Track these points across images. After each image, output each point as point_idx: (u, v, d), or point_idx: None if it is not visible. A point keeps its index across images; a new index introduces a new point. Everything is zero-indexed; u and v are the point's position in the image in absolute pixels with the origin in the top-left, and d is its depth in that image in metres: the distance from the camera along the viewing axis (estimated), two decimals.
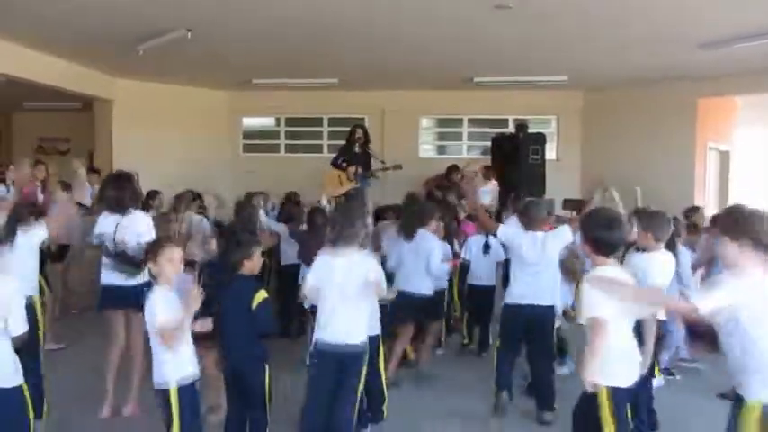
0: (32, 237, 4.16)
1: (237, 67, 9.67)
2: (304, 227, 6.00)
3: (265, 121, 12.86)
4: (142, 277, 4.58)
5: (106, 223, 4.60)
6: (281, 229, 6.38)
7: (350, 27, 7.08)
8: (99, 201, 5.04)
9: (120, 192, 4.60)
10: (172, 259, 3.41)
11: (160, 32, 7.18)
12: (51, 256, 6.24)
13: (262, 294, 3.56)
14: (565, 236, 4.60)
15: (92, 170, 10.32)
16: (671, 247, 4.39)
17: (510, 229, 4.85)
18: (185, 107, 11.31)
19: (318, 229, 5.33)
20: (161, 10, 6.49)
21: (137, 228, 4.54)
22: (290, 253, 6.16)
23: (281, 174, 10.72)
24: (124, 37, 7.52)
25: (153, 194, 7.44)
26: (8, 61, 8.00)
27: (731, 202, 10.67)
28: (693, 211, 7.07)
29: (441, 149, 12.57)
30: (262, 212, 6.41)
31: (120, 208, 4.56)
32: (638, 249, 4.21)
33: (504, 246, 5.46)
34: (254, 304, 3.53)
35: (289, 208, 7.04)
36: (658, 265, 4.05)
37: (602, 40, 7.55)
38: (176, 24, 6.96)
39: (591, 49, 8.05)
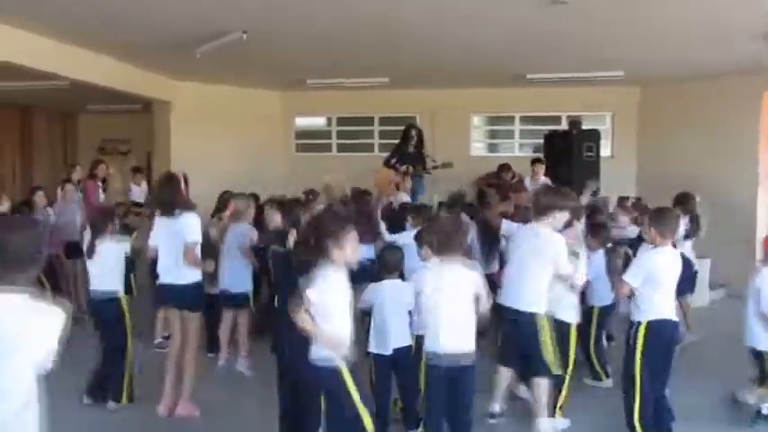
0: (120, 246, 5.00)
1: (291, 68, 9.82)
2: None
3: (317, 121, 13.00)
4: (195, 277, 4.76)
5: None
6: None
7: (402, 26, 7.10)
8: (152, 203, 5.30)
9: (170, 194, 4.78)
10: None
11: (217, 35, 7.36)
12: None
13: None
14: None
15: (137, 170, 10.69)
16: None
17: None
18: (240, 108, 11.55)
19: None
20: (218, 13, 6.66)
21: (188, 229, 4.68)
22: None
23: (333, 173, 10.81)
24: (182, 40, 7.73)
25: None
26: (72, 65, 8.31)
27: None
28: None
29: (492, 147, 12.46)
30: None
31: (170, 210, 4.71)
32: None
33: None
34: None
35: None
36: (662, 260, 4.23)
37: (658, 33, 7.36)
38: (233, 27, 7.13)
39: (648, 43, 7.85)
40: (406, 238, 5.46)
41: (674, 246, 4.56)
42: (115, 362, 4.96)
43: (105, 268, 4.96)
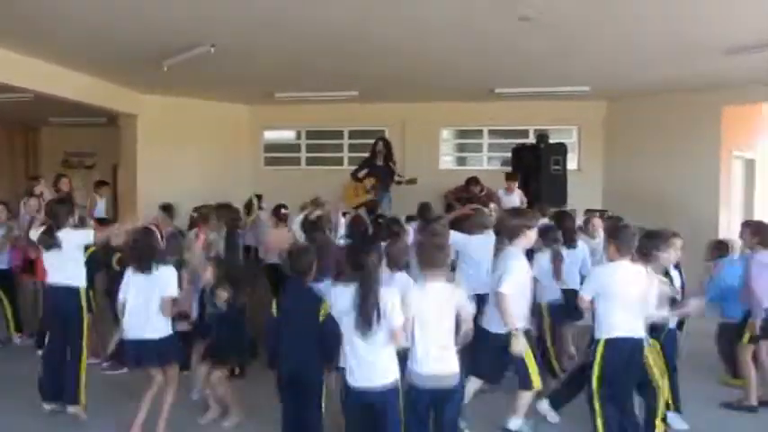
0: (80, 234, 4.89)
1: (260, 82, 9.77)
2: None
3: (286, 135, 12.94)
4: (168, 330, 4.63)
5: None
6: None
7: (371, 40, 7.12)
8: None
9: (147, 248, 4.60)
10: None
11: (185, 48, 7.30)
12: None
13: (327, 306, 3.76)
14: None
15: (101, 183, 10.48)
16: None
17: None
18: (208, 121, 11.45)
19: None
20: (186, 26, 6.60)
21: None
22: None
23: (301, 187, 10.78)
24: (149, 53, 7.64)
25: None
26: (34, 78, 8.16)
27: (757, 210, 10.55)
28: None
29: (461, 161, 12.55)
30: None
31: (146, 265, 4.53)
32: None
33: None
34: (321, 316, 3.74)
35: None
36: (618, 276, 4.23)
37: (624, 49, 7.51)
38: (201, 40, 7.07)
39: (613, 58, 8.01)
40: None
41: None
42: (71, 360, 4.83)
43: (64, 258, 4.84)
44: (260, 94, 10.80)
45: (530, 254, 5.26)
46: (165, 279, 4.50)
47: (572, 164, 11.04)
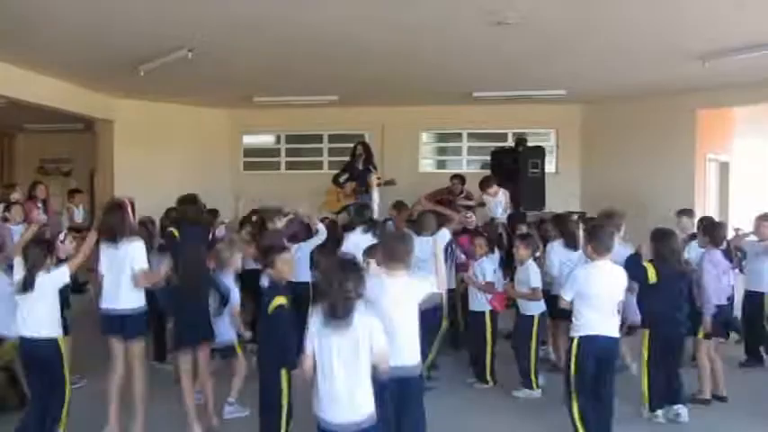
0: (55, 279, 4.30)
1: (238, 86, 9.74)
2: None
3: (265, 139, 12.90)
4: (139, 302, 4.66)
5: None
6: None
7: (349, 44, 7.13)
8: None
9: (117, 222, 4.64)
10: (287, 262, 4.20)
11: (161, 53, 7.25)
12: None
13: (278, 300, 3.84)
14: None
15: (75, 191, 10.36)
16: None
17: None
18: (186, 126, 11.38)
19: None
20: (162, 30, 6.56)
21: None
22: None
23: (281, 190, 10.74)
24: (125, 58, 7.58)
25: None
26: (9, 84, 8.06)
27: (731, 212, 10.73)
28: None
29: (441, 164, 12.60)
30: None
31: (115, 238, 4.59)
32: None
33: None
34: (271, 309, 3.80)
35: None
36: (595, 276, 4.32)
37: (600, 53, 7.60)
38: (178, 44, 7.03)
39: (589, 62, 8.10)
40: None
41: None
42: (51, 409, 4.37)
43: (41, 307, 4.27)
44: (239, 98, 10.75)
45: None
46: (133, 252, 4.58)
47: (550, 167, 11.13)
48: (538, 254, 5.98)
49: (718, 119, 10.64)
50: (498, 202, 8.51)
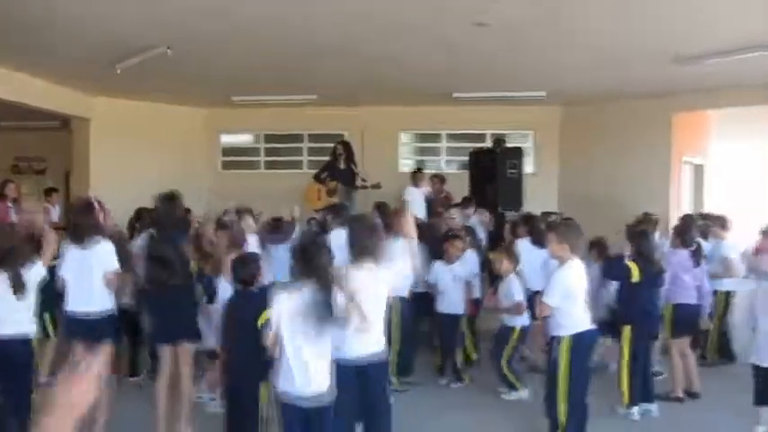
0: (30, 275, 4.09)
1: (217, 85, 9.66)
2: None
3: (244, 138, 12.82)
4: (108, 305, 4.59)
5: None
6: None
7: (329, 44, 7.11)
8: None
9: (86, 222, 4.56)
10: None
11: (139, 50, 7.16)
12: None
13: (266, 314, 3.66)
14: None
15: (51, 190, 10.22)
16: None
17: None
18: (164, 125, 11.26)
19: None
20: (140, 28, 6.48)
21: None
22: None
23: (260, 190, 10.70)
24: (102, 55, 7.49)
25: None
26: None
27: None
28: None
29: (420, 164, 12.59)
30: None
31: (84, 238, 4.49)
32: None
33: None
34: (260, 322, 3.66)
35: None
36: (574, 275, 4.42)
37: (578, 56, 7.67)
38: (155, 42, 6.95)
39: (568, 65, 8.17)
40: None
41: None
42: (19, 413, 4.12)
43: (17, 303, 4.12)
44: (217, 97, 10.68)
45: None
46: (103, 254, 4.49)
47: (528, 168, 11.21)
48: (519, 267, 6.01)
49: (693, 122, 10.80)
50: (475, 223, 8.38)
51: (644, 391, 5.19)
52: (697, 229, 6.40)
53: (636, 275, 5.04)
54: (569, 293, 4.38)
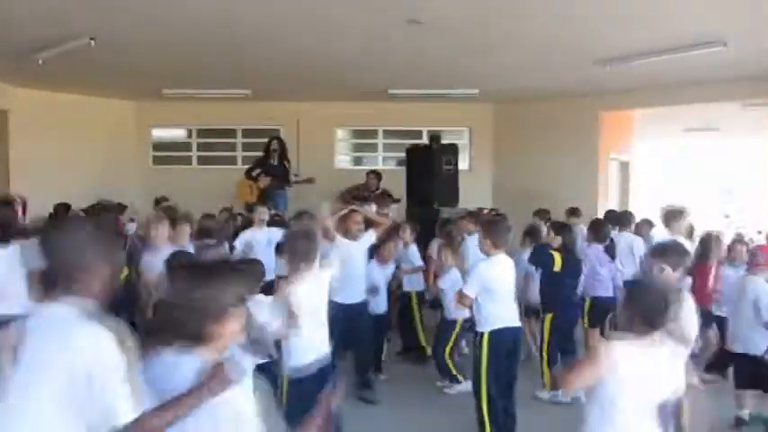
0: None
1: (146, 77, 9.35)
2: None
3: (176, 133, 12.47)
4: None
5: None
6: None
7: (261, 38, 7.00)
8: None
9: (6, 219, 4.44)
10: None
11: (61, 40, 6.85)
12: None
13: None
14: None
15: None
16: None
17: None
18: (91, 118, 10.83)
19: None
20: (61, 17, 6.19)
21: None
22: None
23: (193, 186, 10.46)
24: (21, 45, 7.12)
25: (65, 209, 7.09)
26: None
27: (631, 207, 11.32)
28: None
29: (356, 161, 12.61)
30: None
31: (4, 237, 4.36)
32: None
33: None
34: None
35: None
36: (497, 270, 4.51)
37: (510, 55, 7.81)
38: (78, 32, 6.65)
39: (498, 63, 8.30)
40: None
41: None
42: None
43: None
44: (146, 90, 10.34)
45: None
46: (26, 252, 4.30)
47: (463, 164, 11.36)
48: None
49: (619, 120, 11.20)
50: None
51: None
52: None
53: (558, 265, 5.25)
54: (487, 287, 4.44)
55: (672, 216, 6.06)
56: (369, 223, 5.94)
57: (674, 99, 9.72)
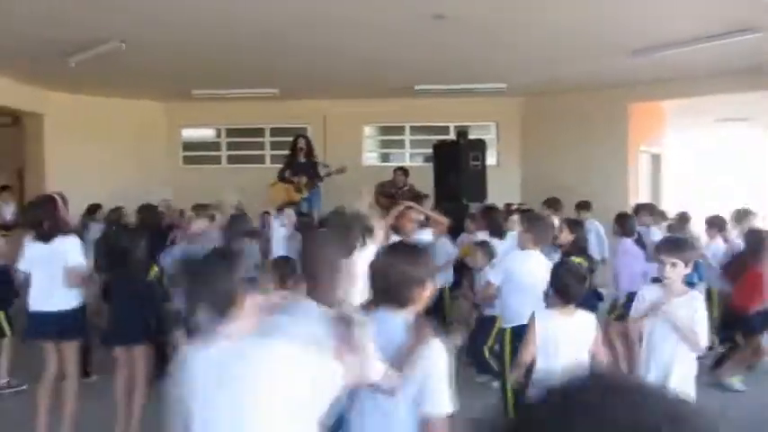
0: None
1: (176, 79, 9.49)
2: None
3: (206, 133, 12.64)
4: (76, 302, 4.50)
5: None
6: None
7: (289, 37, 7.05)
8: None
9: (47, 216, 4.47)
10: None
11: (93, 44, 6.99)
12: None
13: None
14: None
15: (4, 188, 9.96)
16: None
17: None
18: (123, 120, 11.03)
19: None
20: (93, 21, 6.32)
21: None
22: None
23: (222, 185, 10.55)
24: (55, 49, 7.28)
25: (94, 209, 7.28)
26: None
27: (663, 202, 11.15)
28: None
29: (384, 157, 12.62)
30: None
31: (46, 234, 4.42)
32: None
33: None
34: None
35: None
36: (528, 264, 4.44)
37: (538, 48, 7.75)
38: (110, 36, 6.79)
39: (527, 56, 8.25)
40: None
41: None
42: None
43: None
44: (176, 91, 10.49)
45: None
46: (68, 248, 4.41)
47: (491, 159, 11.29)
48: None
49: (650, 112, 11.02)
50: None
51: None
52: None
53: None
54: (512, 279, 4.39)
55: (742, 216, 6.07)
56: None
57: (706, 89, 9.53)
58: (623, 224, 6.14)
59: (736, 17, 6.30)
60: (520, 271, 4.40)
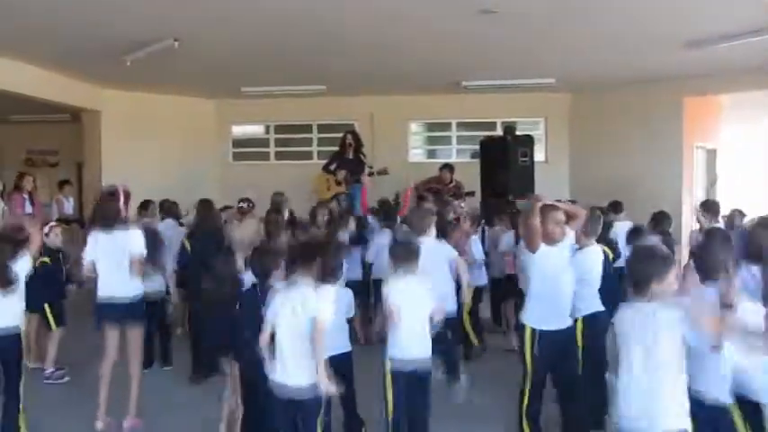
0: (18, 269, 4.10)
1: (226, 76, 9.69)
2: None
3: (255, 129, 12.86)
4: (139, 290, 4.72)
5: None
6: None
7: (337, 34, 7.11)
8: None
9: (114, 209, 4.75)
10: None
11: (147, 43, 7.20)
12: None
13: None
14: None
15: (65, 182, 10.36)
16: None
17: None
18: (174, 116, 11.32)
19: None
20: (147, 21, 6.52)
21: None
22: None
23: (271, 180, 10.72)
24: (111, 48, 7.53)
25: (146, 204, 7.50)
26: None
27: (719, 199, 10.79)
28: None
29: (430, 153, 12.60)
30: None
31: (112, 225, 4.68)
32: None
33: None
34: None
35: None
36: (589, 257, 4.54)
37: (587, 41, 7.61)
38: (163, 35, 6.98)
39: (577, 50, 8.11)
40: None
41: None
42: (8, 411, 4.14)
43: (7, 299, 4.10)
44: (226, 88, 10.71)
45: None
46: (132, 239, 4.66)
47: (539, 155, 11.15)
48: None
49: (705, 106, 10.68)
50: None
51: None
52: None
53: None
54: (582, 277, 4.35)
55: None
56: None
57: (764, 82, 9.18)
58: (657, 223, 6.33)
59: None
60: (592, 268, 4.56)
